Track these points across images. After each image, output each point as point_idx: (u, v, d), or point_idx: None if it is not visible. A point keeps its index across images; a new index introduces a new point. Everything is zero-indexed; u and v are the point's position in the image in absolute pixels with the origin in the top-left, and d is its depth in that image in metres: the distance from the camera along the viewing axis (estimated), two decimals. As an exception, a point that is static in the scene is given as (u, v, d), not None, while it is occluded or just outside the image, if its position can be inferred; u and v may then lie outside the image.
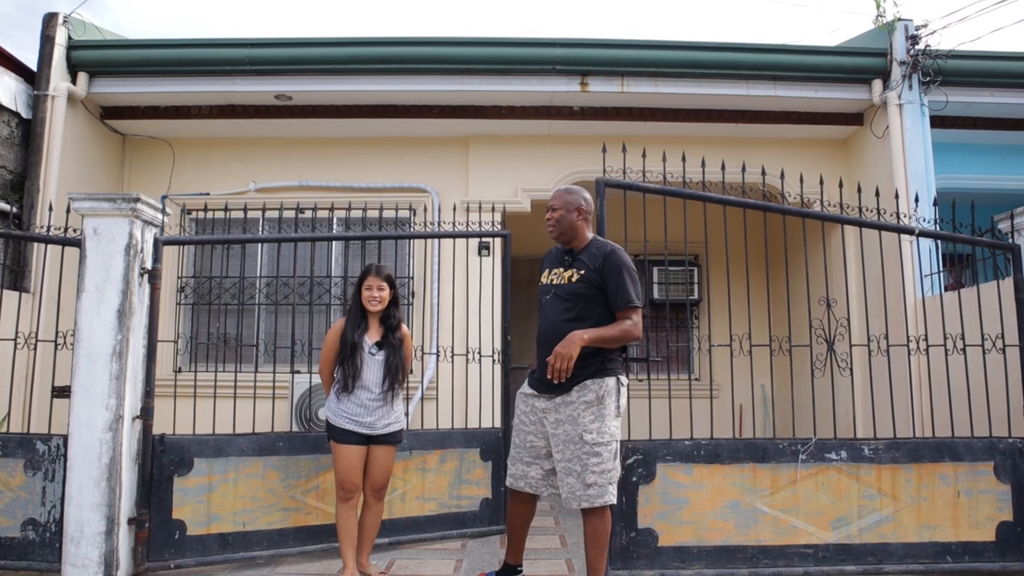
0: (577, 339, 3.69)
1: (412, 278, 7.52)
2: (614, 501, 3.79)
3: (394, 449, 4.42)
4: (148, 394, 4.56)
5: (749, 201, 4.86)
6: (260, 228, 6.98)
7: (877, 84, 7.01)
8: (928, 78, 6.91)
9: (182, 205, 7.49)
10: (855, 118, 7.42)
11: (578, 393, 3.78)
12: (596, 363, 3.80)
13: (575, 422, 3.75)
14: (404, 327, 4.52)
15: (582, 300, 3.86)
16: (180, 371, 7.28)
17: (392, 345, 4.37)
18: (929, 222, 5.50)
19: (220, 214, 6.55)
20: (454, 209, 6.79)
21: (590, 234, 4.06)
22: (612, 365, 3.85)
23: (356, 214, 6.94)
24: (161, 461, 4.56)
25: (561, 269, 4.00)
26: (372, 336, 4.34)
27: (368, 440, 4.27)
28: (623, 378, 3.90)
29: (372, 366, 4.28)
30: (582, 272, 3.89)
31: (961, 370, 4.91)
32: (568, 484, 3.76)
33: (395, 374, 4.35)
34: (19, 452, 4.48)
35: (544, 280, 4.08)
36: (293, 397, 6.63)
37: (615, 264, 3.84)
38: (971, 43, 7.29)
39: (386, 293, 4.36)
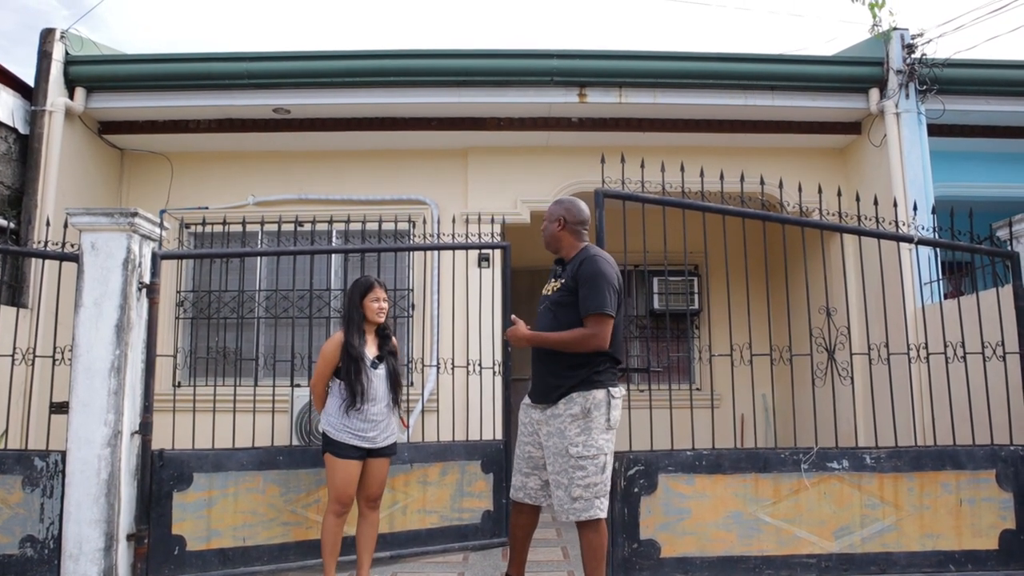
0: (520, 334, 3.87)
1: (412, 290, 7.51)
2: (602, 515, 3.72)
3: (390, 461, 4.42)
4: (147, 409, 4.54)
5: (748, 210, 4.86)
6: (259, 242, 6.98)
7: (874, 93, 7.02)
8: (925, 87, 6.92)
9: (180, 219, 7.49)
10: (853, 127, 7.44)
11: (565, 406, 3.76)
12: (583, 374, 3.76)
13: (562, 435, 3.74)
14: (393, 338, 4.53)
15: (563, 308, 3.85)
16: (180, 385, 7.25)
17: (391, 354, 4.38)
18: (928, 230, 5.50)
19: (219, 228, 6.56)
20: (453, 221, 6.78)
21: (581, 244, 4.04)
22: (601, 377, 3.79)
23: (355, 227, 6.93)
24: (160, 476, 4.54)
25: (553, 280, 4.03)
26: (371, 350, 4.34)
27: (367, 453, 4.26)
28: (615, 390, 3.82)
29: (375, 380, 4.27)
30: (563, 281, 3.91)
31: (962, 378, 4.90)
32: (557, 497, 3.75)
33: (397, 385, 4.36)
34: (17, 468, 4.45)
35: (543, 292, 4.10)
36: (293, 411, 6.61)
37: (587, 271, 3.81)
38: (967, 51, 7.29)
39: (388, 304, 4.38)
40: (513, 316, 3.89)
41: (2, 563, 4.38)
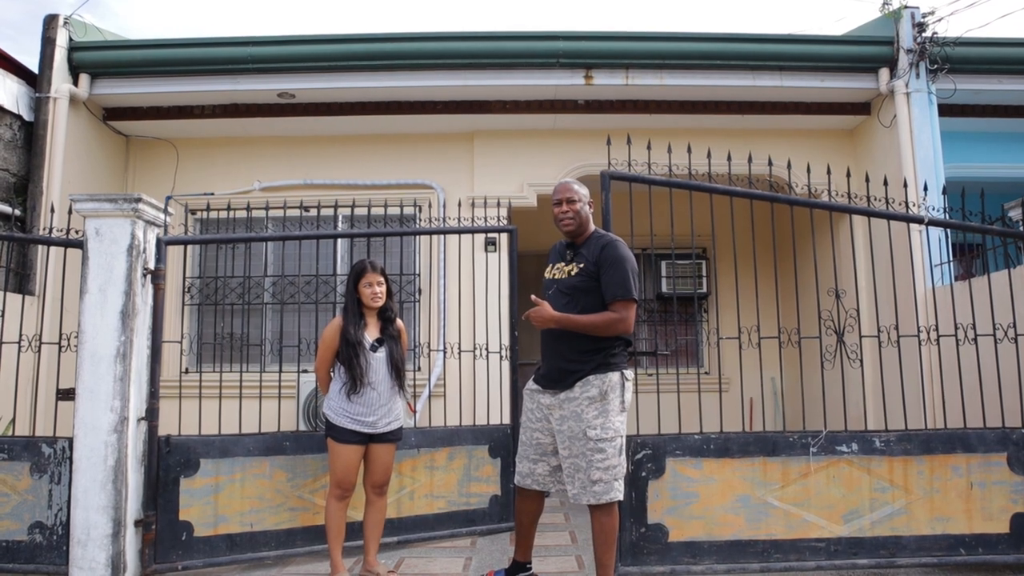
0: (547, 315, 3.74)
1: (418, 275, 7.48)
2: (620, 497, 3.76)
3: (395, 447, 4.40)
4: (153, 395, 4.53)
5: (756, 192, 4.81)
6: (265, 227, 6.96)
7: (884, 73, 6.94)
8: (935, 66, 6.84)
9: (186, 205, 7.47)
10: (862, 107, 7.36)
11: (581, 389, 3.75)
12: (599, 358, 3.77)
13: (579, 418, 3.73)
14: (399, 320, 4.49)
15: (581, 293, 3.83)
16: (187, 372, 7.27)
17: (392, 337, 4.36)
18: (938, 211, 5.44)
19: (224, 214, 6.55)
20: (459, 205, 6.76)
21: (592, 227, 4.04)
22: (616, 360, 3.82)
23: (361, 211, 6.91)
24: (167, 462, 4.54)
25: (563, 264, 3.99)
26: (371, 332, 4.31)
27: (369, 439, 4.25)
28: (628, 372, 3.87)
29: (375, 364, 4.25)
30: (581, 265, 3.87)
31: (973, 360, 4.85)
32: (576, 480, 3.74)
33: (399, 369, 4.33)
34: (25, 455, 4.46)
35: (547, 275, 4.07)
36: (300, 396, 6.61)
37: (611, 255, 3.80)
38: (979, 29, 7.22)
39: (384, 287, 4.33)
40: (534, 297, 3.83)
41: (11, 549, 4.41)
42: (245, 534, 4.66)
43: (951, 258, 6.38)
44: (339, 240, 7.40)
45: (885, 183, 5.09)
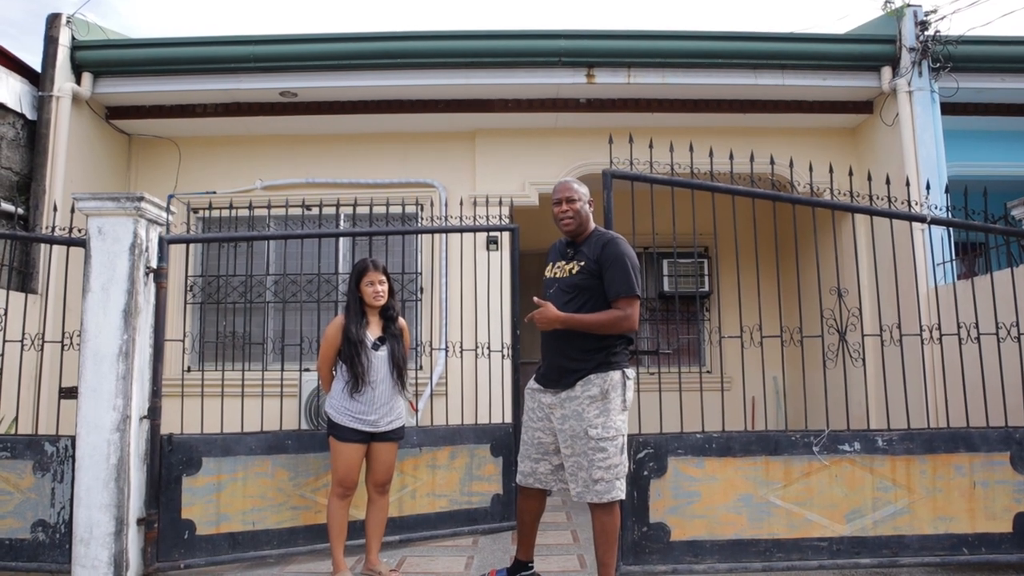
0: (552, 316, 3.71)
1: (420, 273, 7.48)
2: (622, 496, 3.75)
3: (396, 445, 4.40)
4: (155, 394, 4.54)
5: (758, 191, 4.81)
6: (267, 226, 6.96)
7: (886, 71, 6.93)
8: (938, 64, 6.82)
9: (188, 204, 7.47)
10: (864, 106, 7.35)
11: (582, 388, 3.75)
12: (600, 357, 3.76)
13: (580, 417, 3.72)
14: (401, 319, 4.49)
15: (583, 292, 3.82)
16: (189, 370, 7.27)
17: (394, 336, 4.36)
18: (941, 210, 5.43)
19: (227, 212, 6.55)
20: (461, 204, 6.75)
21: (592, 225, 4.04)
22: (617, 359, 3.81)
23: (363, 210, 6.91)
24: (169, 461, 4.54)
25: (563, 262, 3.98)
26: (373, 331, 4.32)
27: (371, 437, 4.25)
28: (629, 371, 3.86)
29: (376, 362, 4.25)
30: (582, 263, 3.86)
31: (975, 359, 4.84)
32: (578, 479, 3.73)
33: (401, 367, 4.33)
34: (28, 454, 4.46)
35: (548, 274, 4.06)
36: (302, 395, 6.61)
37: (613, 253, 3.79)
38: (982, 28, 7.20)
39: (386, 286, 4.33)
40: (537, 299, 3.83)
41: (15, 547, 4.41)
42: (247, 533, 4.67)
43: (954, 257, 6.37)
44: (341, 239, 7.39)
45: (887, 182, 5.09)
